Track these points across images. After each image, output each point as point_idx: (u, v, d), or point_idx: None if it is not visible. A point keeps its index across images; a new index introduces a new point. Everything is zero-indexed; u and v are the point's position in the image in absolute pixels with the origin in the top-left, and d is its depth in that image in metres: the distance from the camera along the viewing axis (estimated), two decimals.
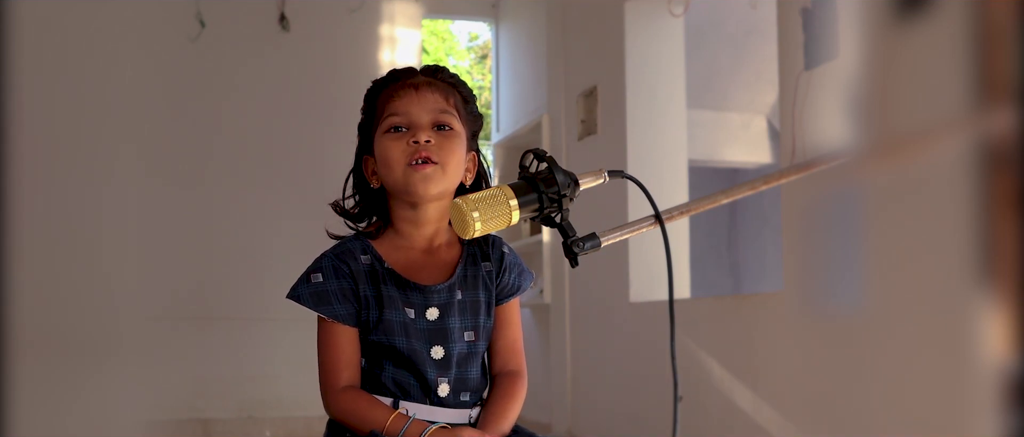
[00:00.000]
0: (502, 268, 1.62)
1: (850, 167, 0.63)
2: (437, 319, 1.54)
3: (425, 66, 1.63)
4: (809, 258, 0.96)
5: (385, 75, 1.63)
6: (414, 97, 1.55)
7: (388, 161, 1.53)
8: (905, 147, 0.63)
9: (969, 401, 0.59)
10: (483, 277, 1.60)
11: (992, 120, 0.56)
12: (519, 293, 1.65)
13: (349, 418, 1.51)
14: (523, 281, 1.65)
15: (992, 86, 0.56)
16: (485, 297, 1.59)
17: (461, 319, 1.56)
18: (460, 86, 1.61)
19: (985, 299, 0.57)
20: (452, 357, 1.54)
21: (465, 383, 1.56)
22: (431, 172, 1.51)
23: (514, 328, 1.64)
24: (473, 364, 1.57)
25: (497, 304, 1.62)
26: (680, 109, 4.62)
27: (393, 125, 1.54)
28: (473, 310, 1.57)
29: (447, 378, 1.53)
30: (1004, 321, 0.56)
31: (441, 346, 1.53)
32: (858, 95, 0.65)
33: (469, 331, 1.57)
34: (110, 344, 0.70)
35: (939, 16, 0.59)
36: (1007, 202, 0.55)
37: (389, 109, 1.55)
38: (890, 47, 0.63)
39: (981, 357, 0.58)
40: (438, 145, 1.52)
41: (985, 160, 0.56)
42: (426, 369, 1.52)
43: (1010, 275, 0.55)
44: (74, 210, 0.67)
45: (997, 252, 0.56)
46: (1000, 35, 0.56)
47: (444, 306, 1.55)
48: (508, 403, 1.58)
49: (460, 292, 1.57)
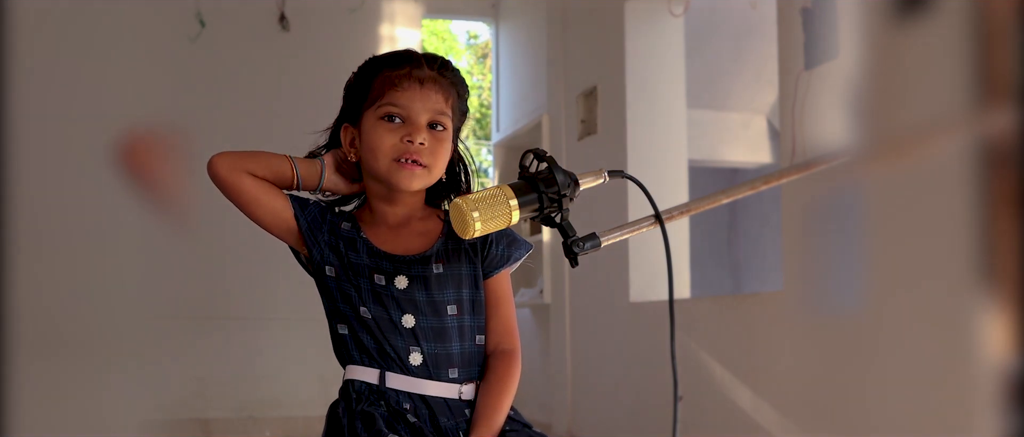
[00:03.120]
0: (487, 239, 1.59)
1: (850, 167, 0.63)
2: (406, 288, 1.53)
3: (432, 57, 1.59)
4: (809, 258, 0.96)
5: (389, 54, 1.60)
6: (417, 93, 1.53)
7: (375, 149, 1.53)
8: (905, 147, 0.63)
9: (969, 401, 0.59)
10: (466, 250, 1.58)
11: (992, 120, 0.56)
12: (509, 264, 1.61)
13: (242, 159, 1.55)
14: (513, 251, 1.61)
15: (992, 86, 0.56)
16: (469, 270, 1.57)
17: (440, 292, 1.54)
18: (459, 84, 1.60)
19: (985, 299, 0.57)
20: (425, 329, 1.53)
21: (449, 358, 1.54)
22: (419, 173, 1.52)
23: (506, 304, 1.61)
24: (456, 338, 1.55)
25: (486, 276, 1.59)
26: (680, 109, 4.62)
27: (389, 114, 1.53)
28: (455, 283, 1.56)
29: (419, 348, 1.52)
30: (1004, 321, 0.56)
31: (411, 315, 1.53)
32: (858, 95, 0.65)
33: (451, 304, 1.55)
34: (110, 344, 0.70)
35: (939, 16, 0.59)
36: (1007, 202, 0.55)
37: (388, 96, 1.53)
38: (890, 47, 0.63)
39: (981, 357, 0.58)
40: (431, 148, 1.52)
41: (985, 160, 0.56)
42: (391, 336, 1.52)
43: (1010, 275, 0.55)
44: (74, 210, 0.66)
45: (997, 252, 0.56)
46: (1000, 35, 0.56)
47: (416, 277, 1.54)
48: (501, 390, 1.55)
49: (441, 265, 1.56)
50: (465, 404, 1.54)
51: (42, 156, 0.61)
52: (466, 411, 1.54)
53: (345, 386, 1.55)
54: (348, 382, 1.54)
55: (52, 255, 0.59)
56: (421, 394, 1.52)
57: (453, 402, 1.53)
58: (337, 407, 1.56)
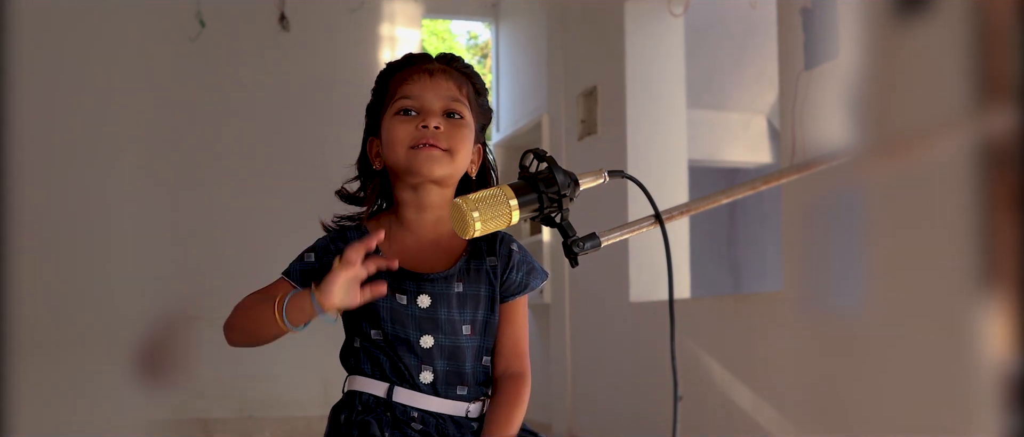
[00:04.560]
0: (509, 265, 1.59)
1: (850, 167, 0.63)
2: (429, 307, 1.52)
3: (441, 54, 1.60)
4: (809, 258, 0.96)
5: (400, 58, 1.61)
6: (428, 82, 1.53)
7: (392, 141, 1.52)
8: (905, 147, 0.63)
9: (969, 401, 0.59)
10: (487, 271, 1.57)
11: (992, 120, 0.56)
12: (525, 292, 1.61)
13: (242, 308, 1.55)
14: (531, 280, 1.61)
15: (992, 86, 0.56)
16: (487, 292, 1.57)
17: (459, 311, 1.54)
18: (473, 77, 1.59)
19: (985, 299, 0.57)
20: (443, 348, 1.52)
21: (460, 377, 1.53)
22: (437, 155, 1.50)
23: (517, 327, 1.61)
24: (469, 358, 1.54)
25: (502, 301, 1.59)
26: (680, 109, 4.62)
27: (403, 108, 1.52)
28: (473, 304, 1.55)
29: (432, 367, 1.51)
30: (1004, 321, 0.56)
31: (430, 335, 1.52)
32: (858, 95, 0.65)
33: (467, 324, 1.54)
34: (110, 344, 0.70)
35: (939, 16, 0.59)
36: (1007, 202, 0.55)
37: (401, 92, 1.53)
38: (890, 47, 0.63)
39: (981, 357, 0.58)
40: (447, 133, 1.51)
41: (985, 160, 0.56)
42: (406, 355, 1.50)
43: (1010, 275, 0.55)
44: (74, 210, 0.66)
45: (997, 252, 0.56)
46: (1000, 35, 0.56)
47: (439, 295, 1.53)
48: (511, 411, 1.55)
49: (461, 284, 1.55)
50: (472, 422, 1.54)
51: (42, 156, 0.61)
52: (473, 425, 1.54)
53: (351, 395, 1.54)
54: (355, 393, 1.53)
55: (52, 255, 0.59)
56: (428, 410, 1.51)
57: (460, 419, 1.53)
58: (339, 412, 1.55)
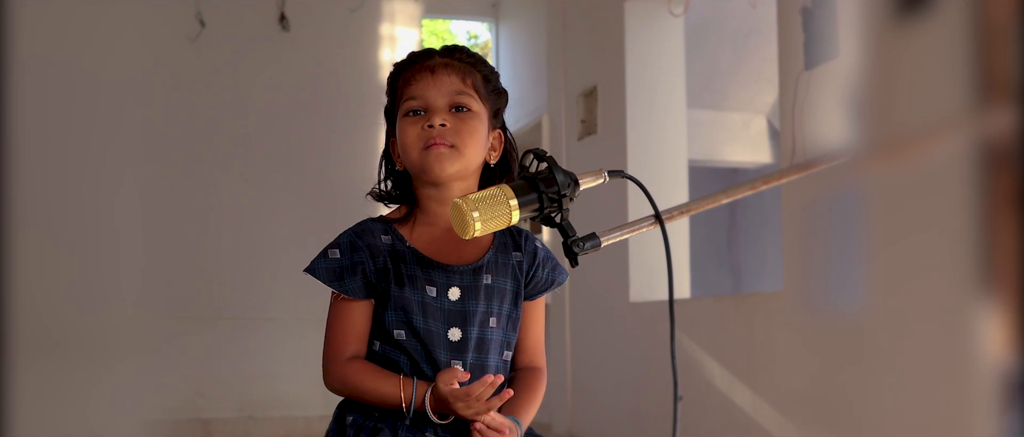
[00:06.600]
0: (535, 263, 1.60)
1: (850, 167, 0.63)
2: (458, 300, 1.52)
3: (444, 46, 1.60)
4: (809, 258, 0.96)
5: (404, 58, 1.62)
6: (430, 80, 1.54)
7: (405, 145, 1.53)
8: (905, 147, 0.63)
9: (969, 402, 0.59)
10: (513, 266, 1.58)
11: (992, 120, 0.56)
12: (553, 288, 1.63)
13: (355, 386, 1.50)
14: (557, 276, 1.63)
15: (992, 86, 0.56)
16: (513, 286, 1.57)
17: (486, 303, 1.54)
18: (479, 65, 1.58)
19: (985, 299, 0.57)
20: (470, 340, 1.52)
21: (483, 370, 1.52)
22: (446, 152, 1.50)
23: (539, 324, 1.64)
24: (493, 351, 1.54)
25: (529, 298, 1.60)
26: (680, 109, 4.62)
27: (411, 109, 1.53)
28: (499, 297, 1.56)
29: (462, 360, 1.51)
30: (1004, 321, 0.56)
31: (459, 328, 1.52)
32: (858, 95, 0.65)
33: (494, 317, 1.54)
34: (110, 344, 0.70)
35: (939, 16, 0.59)
36: (1007, 202, 0.55)
37: (407, 92, 1.54)
38: (890, 47, 0.63)
39: (981, 358, 0.58)
40: (454, 128, 1.51)
41: (985, 160, 0.56)
42: (438, 350, 1.50)
43: (1010, 275, 0.55)
44: (74, 209, 0.66)
45: (997, 252, 0.56)
46: (1000, 35, 0.56)
47: (467, 288, 1.53)
48: (531, 396, 1.58)
49: (489, 276, 1.55)
50: None
51: (42, 156, 0.61)
52: None
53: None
54: None
55: (52, 255, 0.59)
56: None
57: None
58: (346, 412, 1.55)
